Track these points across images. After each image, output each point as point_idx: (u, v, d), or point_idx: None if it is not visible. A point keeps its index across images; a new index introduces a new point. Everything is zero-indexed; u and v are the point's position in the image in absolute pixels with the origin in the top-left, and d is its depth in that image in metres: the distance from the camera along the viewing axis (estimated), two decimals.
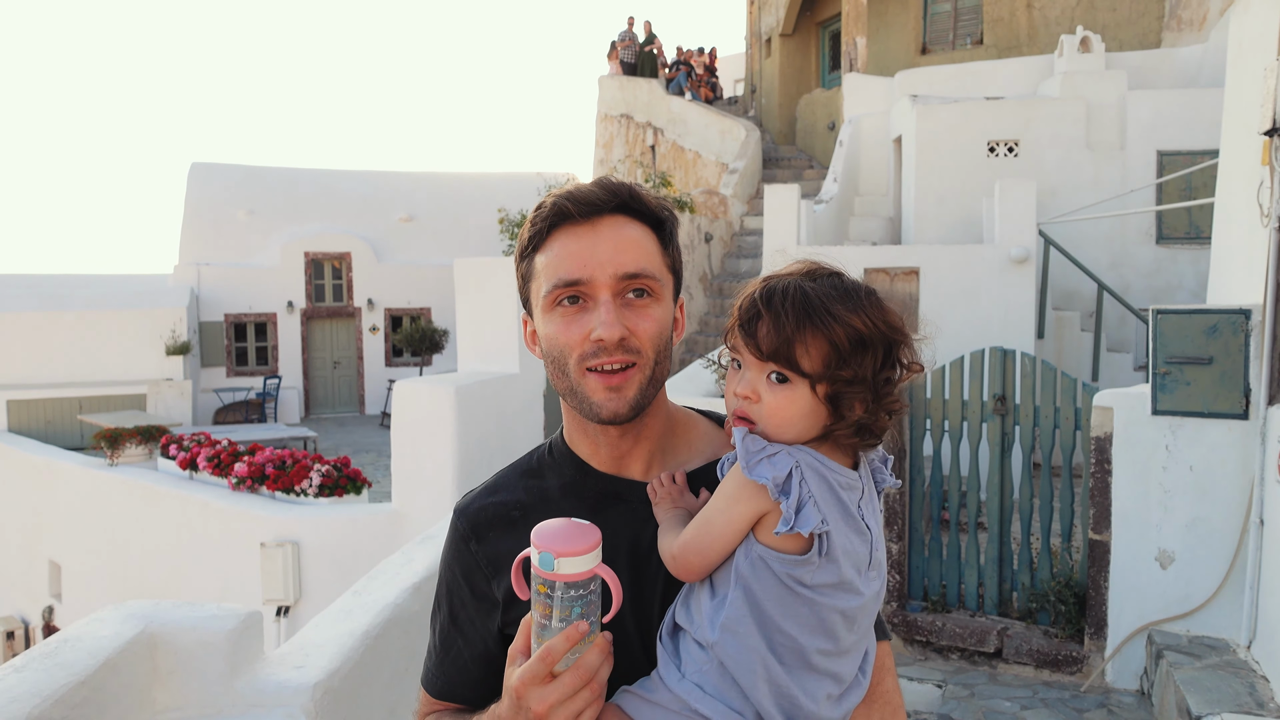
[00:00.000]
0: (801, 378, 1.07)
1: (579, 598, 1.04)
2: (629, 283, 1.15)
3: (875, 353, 1.07)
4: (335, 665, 2.84)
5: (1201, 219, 9.83)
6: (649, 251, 1.19)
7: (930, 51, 15.41)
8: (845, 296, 1.08)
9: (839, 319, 1.06)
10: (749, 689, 1.05)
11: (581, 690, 1.04)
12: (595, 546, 1.04)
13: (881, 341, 1.08)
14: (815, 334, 1.05)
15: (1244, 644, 4.67)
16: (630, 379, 1.15)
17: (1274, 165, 4.41)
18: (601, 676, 1.05)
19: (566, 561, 1.03)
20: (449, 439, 7.46)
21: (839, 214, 12.29)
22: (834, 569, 1.06)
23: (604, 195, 1.17)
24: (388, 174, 23.89)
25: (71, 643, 2.31)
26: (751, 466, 1.05)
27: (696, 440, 1.29)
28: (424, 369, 20.00)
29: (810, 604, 1.06)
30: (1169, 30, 13.48)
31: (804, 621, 1.06)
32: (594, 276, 1.15)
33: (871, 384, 1.07)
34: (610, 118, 20.49)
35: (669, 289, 1.21)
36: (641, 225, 1.20)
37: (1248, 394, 4.74)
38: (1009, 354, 5.70)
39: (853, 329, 1.06)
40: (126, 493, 10.38)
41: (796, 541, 1.05)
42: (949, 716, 4.87)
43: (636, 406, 1.16)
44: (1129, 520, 5.09)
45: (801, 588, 1.05)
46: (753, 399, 1.10)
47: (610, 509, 1.21)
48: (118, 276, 22.19)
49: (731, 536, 1.07)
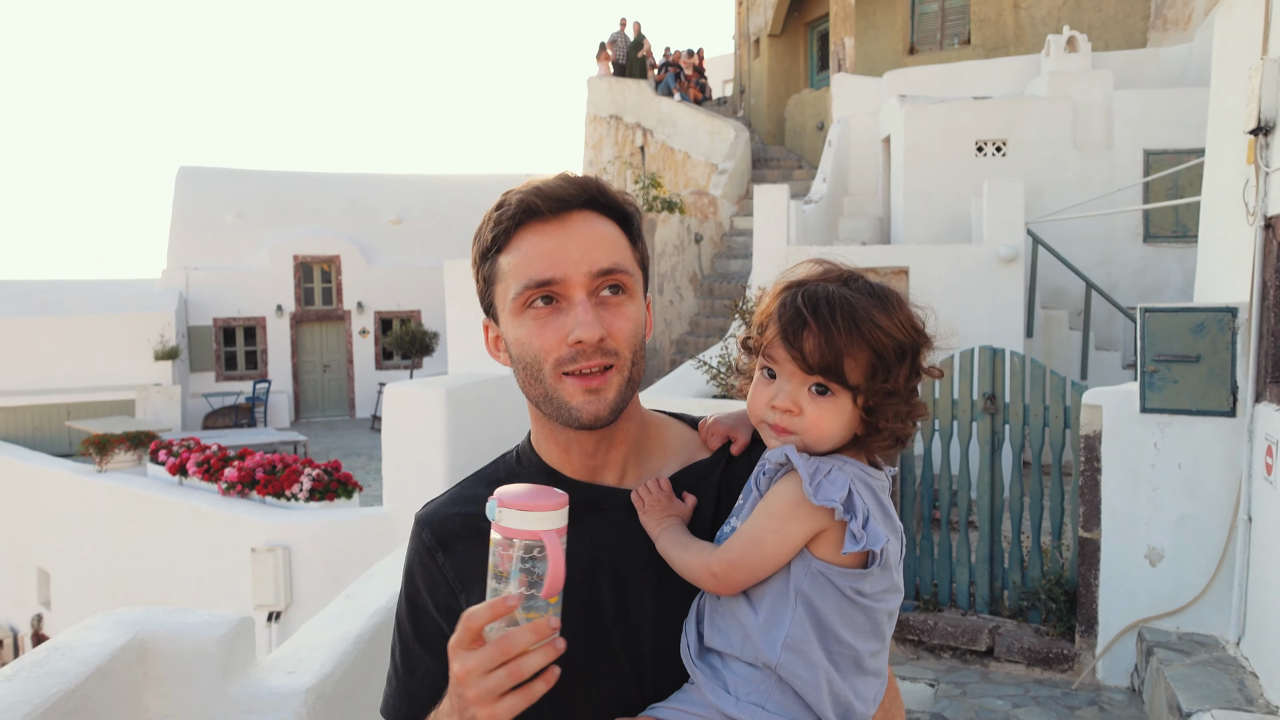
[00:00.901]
0: (846, 390, 1.06)
1: (520, 563, 0.98)
2: (604, 279, 1.11)
3: (909, 362, 1.09)
4: (328, 670, 2.83)
5: (1188, 217, 9.88)
6: (621, 246, 1.14)
7: (918, 51, 15.46)
8: (882, 304, 1.08)
9: (883, 329, 1.06)
10: (815, 703, 1.05)
11: (498, 669, 0.97)
12: (546, 509, 0.98)
13: (913, 349, 1.09)
14: (863, 346, 1.05)
15: (1233, 640, 4.70)
16: (609, 381, 1.10)
17: (1259, 164, 4.44)
18: (528, 663, 0.97)
19: (508, 513, 0.98)
20: (440, 442, 7.45)
21: (828, 214, 12.32)
22: (889, 574, 1.08)
23: (572, 190, 1.11)
24: (377, 176, 23.86)
25: (62, 650, 2.30)
26: (816, 490, 1.04)
27: (671, 443, 1.25)
28: (414, 372, 19.97)
29: (867, 611, 1.07)
30: (1154, 30, 13.55)
31: (860, 628, 1.07)
32: (568, 275, 1.09)
33: (903, 393, 1.08)
34: (599, 119, 20.50)
35: (640, 285, 1.17)
36: (610, 220, 1.15)
37: (1235, 391, 4.77)
38: (998, 353, 5.72)
39: (893, 339, 1.06)
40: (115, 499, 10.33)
41: (855, 556, 1.05)
42: (941, 715, 4.88)
43: (616, 409, 1.11)
44: (1118, 518, 5.11)
45: (862, 598, 1.07)
46: (795, 411, 1.08)
47: (588, 519, 1.15)
48: (105, 281, 22.10)
49: (785, 555, 1.06)
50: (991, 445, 5.73)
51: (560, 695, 1.12)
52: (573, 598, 1.10)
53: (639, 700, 1.13)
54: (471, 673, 0.98)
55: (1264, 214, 4.44)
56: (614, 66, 20.31)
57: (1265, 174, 4.41)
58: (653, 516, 1.14)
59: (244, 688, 2.63)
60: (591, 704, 1.13)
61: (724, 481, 1.20)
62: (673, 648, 1.13)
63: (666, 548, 1.11)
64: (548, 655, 0.98)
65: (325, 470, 9.12)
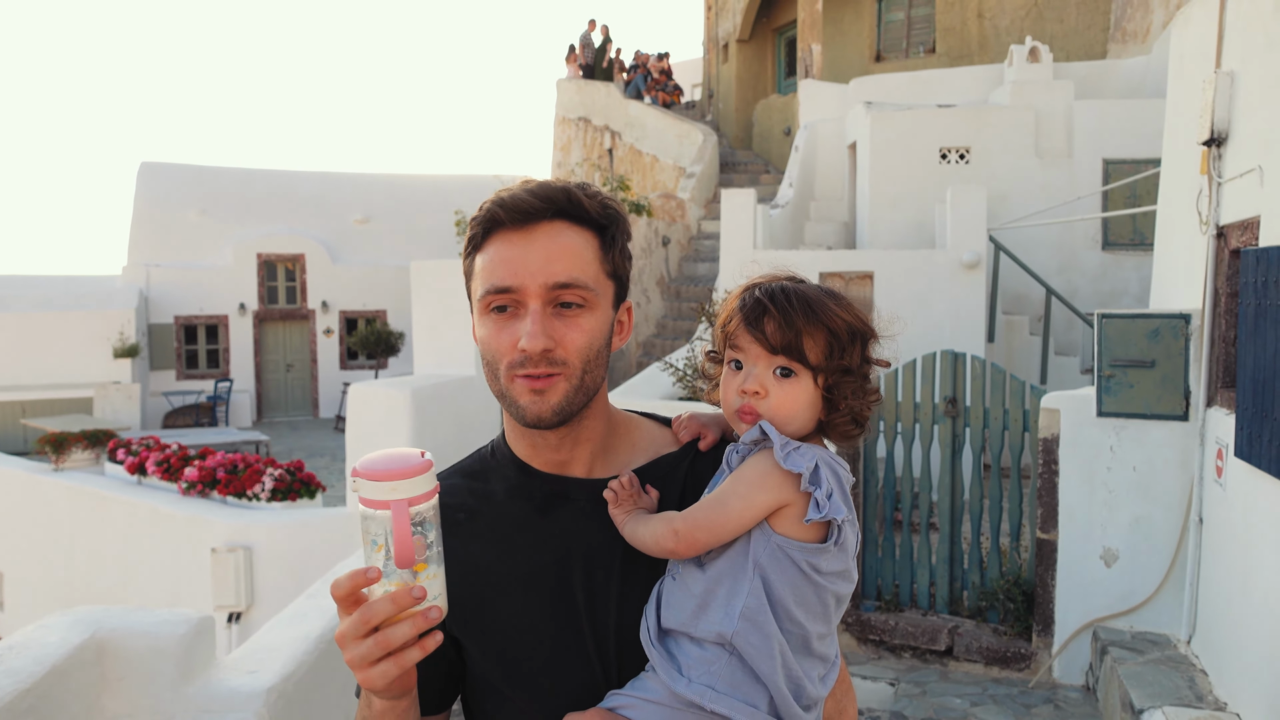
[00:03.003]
0: (807, 370, 1.14)
1: (375, 533, 0.98)
2: (559, 292, 1.14)
3: (860, 345, 1.16)
4: (289, 670, 2.82)
5: (1145, 226, 10.08)
6: (584, 260, 1.17)
7: (884, 59, 15.62)
8: (830, 295, 1.17)
9: (834, 312, 1.15)
10: (768, 676, 1.08)
11: (365, 639, 0.99)
12: (391, 477, 0.97)
13: (863, 335, 1.17)
14: (819, 327, 1.13)
15: (1184, 639, 4.81)
16: (554, 385, 1.14)
17: (1212, 174, 4.55)
18: (394, 633, 0.98)
19: (361, 483, 0.98)
20: (405, 442, 7.40)
21: (794, 218, 12.41)
22: (844, 556, 1.13)
23: (538, 204, 1.15)
24: (343, 175, 23.64)
25: (17, 650, 2.27)
26: (786, 456, 1.10)
27: (639, 440, 1.30)
28: (379, 372, 19.82)
29: (819, 590, 1.12)
30: (1114, 42, 13.81)
31: (811, 608, 1.12)
32: (524, 285, 1.13)
33: (858, 374, 1.16)
34: (568, 121, 20.49)
35: (606, 296, 1.19)
36: (582, 230, 1.18)
37: (1188, 396, 4.88)
38: (960, 357, 5.81)
39: (845, 321, 1.15)
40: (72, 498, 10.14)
41: (814, 531, 1.11)
42: (901, 714, 4.94)
43: (561, 413, 1.15)
44: (1075, 519, 5.21)
45: (816, 574, 1.11)
46: (761, 394, 1.15)
47: (559, 509, 1.21)
48: (64, 278, 21.67)
49: (748, 520, 1.10)
50: (952, 448, 5.81)
51: (529, 681, 1.18)
52: (544, 586, 1.17)
53: (604, 687, 1.16)
54: (345, 637, 1.00)
55: (1216, 223, 4.55)
56: (583, 69, 20.32)
57: (1218, 184, 4.52)
58: (621, 509, 1.18)
59: (204, 688, 2.61)
60: (560, 690, 1.16)
61: (690, 474, 1.25)
62: (636, 636, 1.16)
63: (632, 530, 1.16)
64: (417, 625, 0.99)
65: (288, 470, 9.03)
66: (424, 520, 1.00)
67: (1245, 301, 4.01)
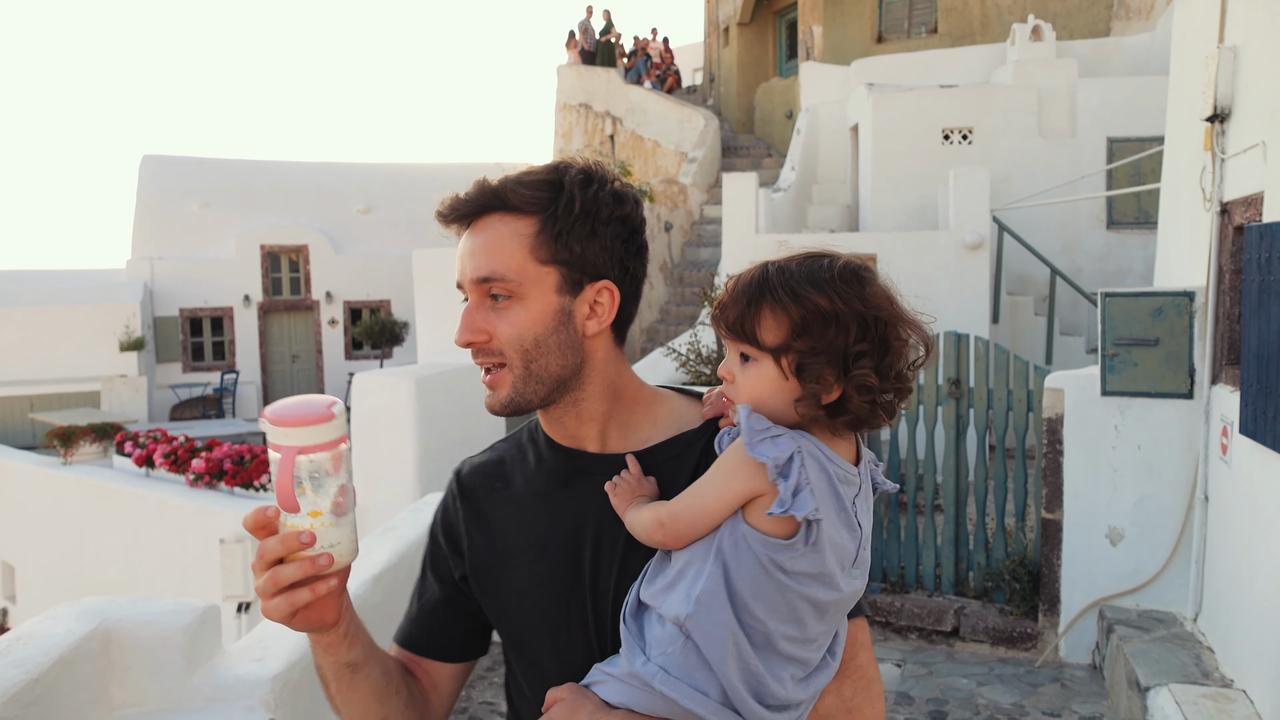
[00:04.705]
0: (764, 353, 1.08)
1: (271, 475, 1.04)
2: (485, 286, 1.18)
3: (842, 326, 1.05)
4: (295, 658, 2.83)
5: (1150, 204, 10.03)
6: (506, 251, 1.17)
7: (886, 40, 15.54)
8: (810, 274, 1.07)
9: (795, 294, 1.06)
10: (718, 664, 1.05)
11: (263, 573, 1.05)
12: (284, 424, 1.00)
13: (852, 317, 1.05)
14: (768, 308, 1.07)
15: (1190, 616, 4.80)
16: (500, 379, 1.19)
17: (1215, 150, 4.52)
18: (283, 572, 1.04)
19: (265, 426, 1.02)
20: (409, 431, 7.42)
21: (797, 202, 12.37)
22: (817, 559, 1.06)
23: (465, 202, 1.20)
24: (345, 165, 23.61)
25: (24, 640, 2.28)
26: (754, 444, 1.04)
27: (661, 415, 1.28)
28: (384, 362, 19.85)
29: (782, 590, 1.05)
30: (1118, 19, 13.71)
31: (773, 606, 1.06)
32: (463, 280, 1.20)
33: (842, 357, 1.05)
34: (569, 107, 20.42)
35: (543, 284, 1.18)
36: (517, 219, 1.18)
37: (1192, 374, 4.86)
38: (963, 338, 5.79)
39: (811, 303, 1.05)
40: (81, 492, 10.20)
41: (784, 526, 1.05)
42: (908, 694, 4.96)
43: (511, 404, 1.20)
44: (1080, 499, 5.20)
45: (779, 572, 1.05)
46: (729, 379, 1.13)
47: (578, 482, 1.24)
48: (69, 271, 21.72)
49: (723, 509, 1.07)
50: (956, 429, 5.81)
51: (531, 647, 1.23)
52: (553, 556, 1.21)
53: (600, 658, 1.18)
54: (253, 568, 1.07)
55: (1220, 200, 4.52)
56: (583, 55, 20.23)
57: (1221, 160, 4.49)
58: (623, 497, 1.18)
59: (210, 676, 2.62)
60: (560, 658, 1.20)
61: (705, 451, 1.23)
62: None
63: (630, 520, 1.15)
64: (303, 569, 1.04)
65: None
66: (320, 469, 1.02)
67: (1249, 278, 3.99)
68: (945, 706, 4.83)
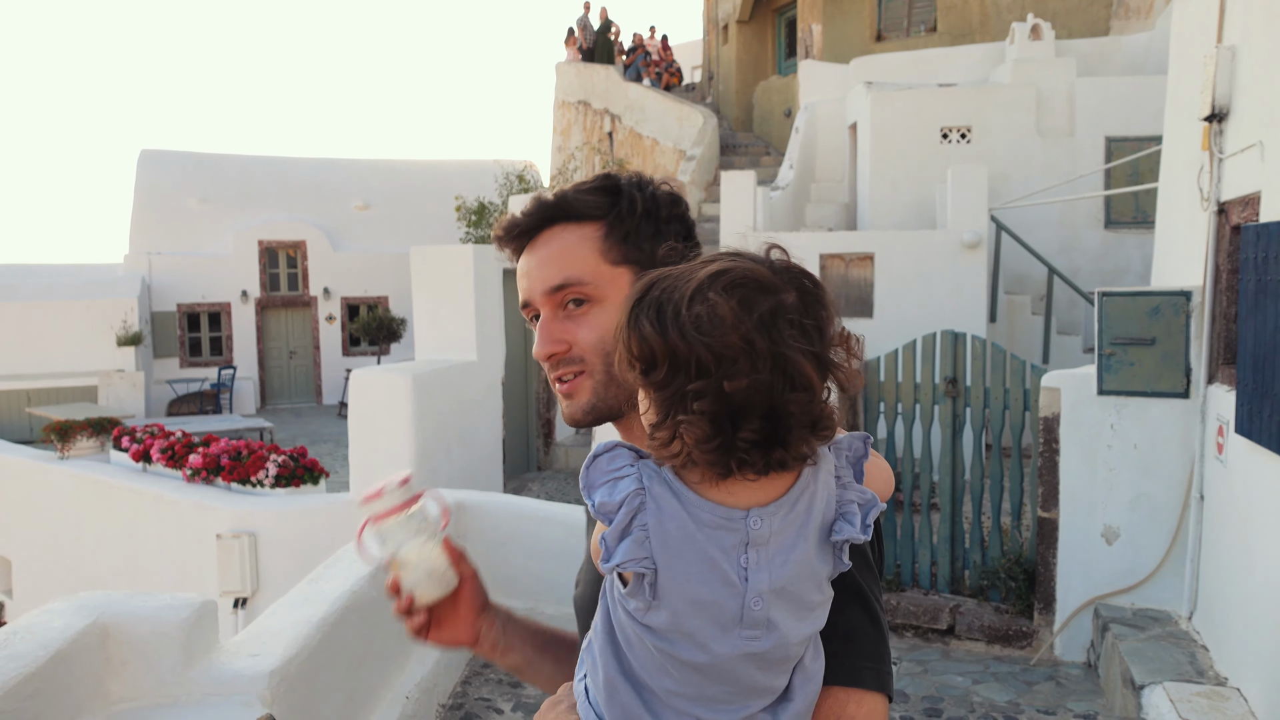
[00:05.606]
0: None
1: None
2: (560, 294, 1.15)
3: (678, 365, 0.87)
4: (292, 653, 2.83)
5: (1148, 203, 10.03)
6: (579, 256, 1.15)
7: (885, 39, 15.53)
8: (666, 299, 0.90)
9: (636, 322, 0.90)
10: (605, 702, 0.98)
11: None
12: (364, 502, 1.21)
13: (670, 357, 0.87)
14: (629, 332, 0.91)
15: (1185, 615, 4.82)
16: (580, 385, 1.15)
17: (1213, 150, 4.53)
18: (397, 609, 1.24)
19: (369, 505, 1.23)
20: (407, 427, 7.43)
21: (795, 200, 12.37)
22: (666, 615, 0.91)
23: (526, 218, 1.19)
24: (343, 161, 23.58)
25: (21, 634, 2.29)
26: (594, 486, 0.93)
27: None
28: (381, 358, 19.83)
29: (643, 642, 0.94)
30: (1117, 19, 13.72)
31: (643, 657, 0.95)
32: (532, 297, 1.18)
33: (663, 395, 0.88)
34: (568, 104, 20.40)
35: (618, 284, 1.14)
36: (581, 226, 1.17)
37: (1188, 373, 4.87)
38: (960, 337, 5.80)
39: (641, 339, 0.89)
40: (78, 486, 10.18)
41: (627, 574, 0.92)
42: (903, 692, 4.96)
43: (593, 411, 1.15)
44: (1076, 498, 5.21)
45: (632, 623, 0.94)
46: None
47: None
48: (66, 266, 21.68)
49: (597, 551, 0.95)
50: (953, 428, 5.82)
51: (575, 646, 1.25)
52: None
53: None
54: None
55: (1217, 199, 4.53)
56: (582, 52, 20.21)
57: (1219, 160, 4.50)
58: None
59: (207, 671, 2.62)
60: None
61: None
62: None
63: None
64: (397, 607, 1.24)
65: (291, 456, 9.05)
66: (388, 531, 1.21)
67: (1246, 277, 4.00)
68: (940, 704, 4.84)
